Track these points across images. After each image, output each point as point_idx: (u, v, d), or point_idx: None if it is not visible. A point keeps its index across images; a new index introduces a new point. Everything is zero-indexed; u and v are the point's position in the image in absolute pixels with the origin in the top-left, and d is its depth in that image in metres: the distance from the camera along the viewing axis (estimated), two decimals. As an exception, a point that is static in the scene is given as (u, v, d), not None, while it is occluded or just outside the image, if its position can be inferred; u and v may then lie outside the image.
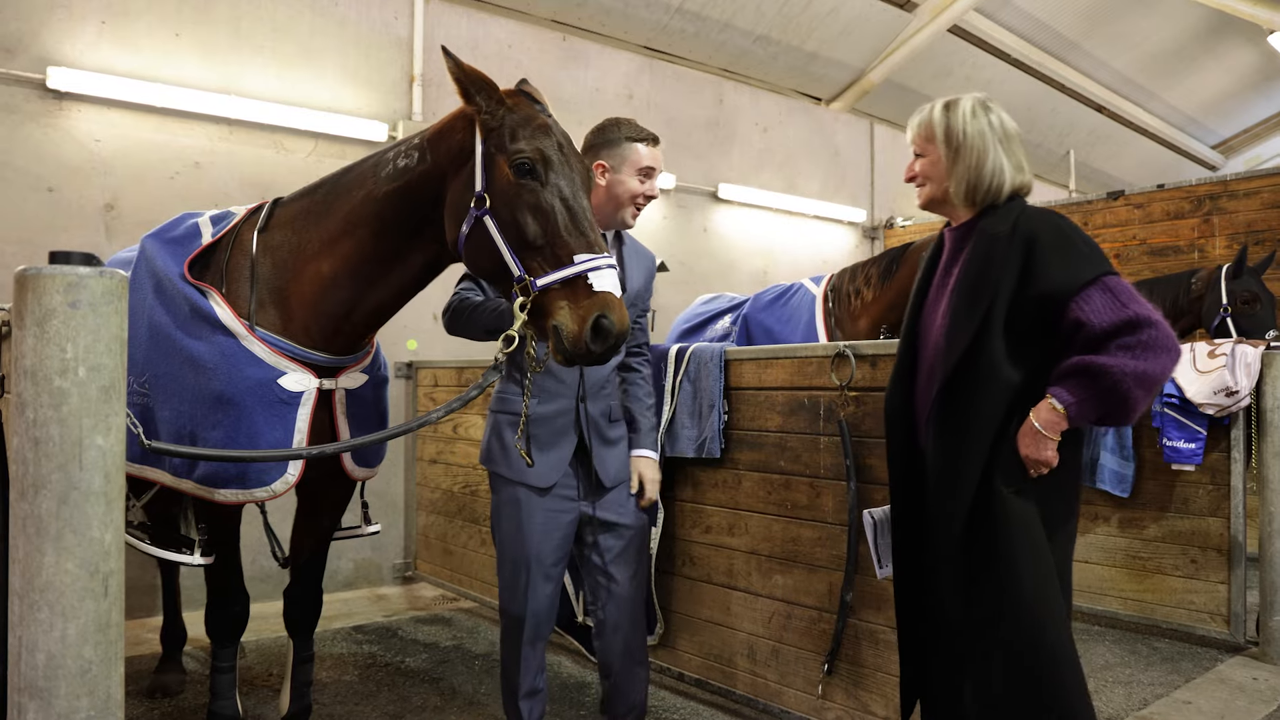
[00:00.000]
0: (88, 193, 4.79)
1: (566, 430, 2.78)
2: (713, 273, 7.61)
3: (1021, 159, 2.31)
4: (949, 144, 2.30)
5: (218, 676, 2.91)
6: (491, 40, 6.34)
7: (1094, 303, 2.09)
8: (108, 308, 1.33)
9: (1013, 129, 2.32)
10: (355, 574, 5.73)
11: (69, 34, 4.76)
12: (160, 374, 2.64)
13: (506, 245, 2.28)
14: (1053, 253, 2.15)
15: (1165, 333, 2.06)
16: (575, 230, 2.26)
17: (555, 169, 2.30)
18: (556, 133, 2.37)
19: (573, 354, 2.22)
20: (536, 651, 2.80)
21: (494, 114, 2.35)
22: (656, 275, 7.14)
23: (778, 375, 3.45)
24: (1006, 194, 2.28)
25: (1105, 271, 2.13)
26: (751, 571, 3.51)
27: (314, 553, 3.07)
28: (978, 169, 2.26)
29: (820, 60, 8.19)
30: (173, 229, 2.92)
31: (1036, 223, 2.21)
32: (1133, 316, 2.06)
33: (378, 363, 2.91)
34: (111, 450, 1.34)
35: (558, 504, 2.77)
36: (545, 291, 2.23)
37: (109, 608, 1.33)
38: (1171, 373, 2.09)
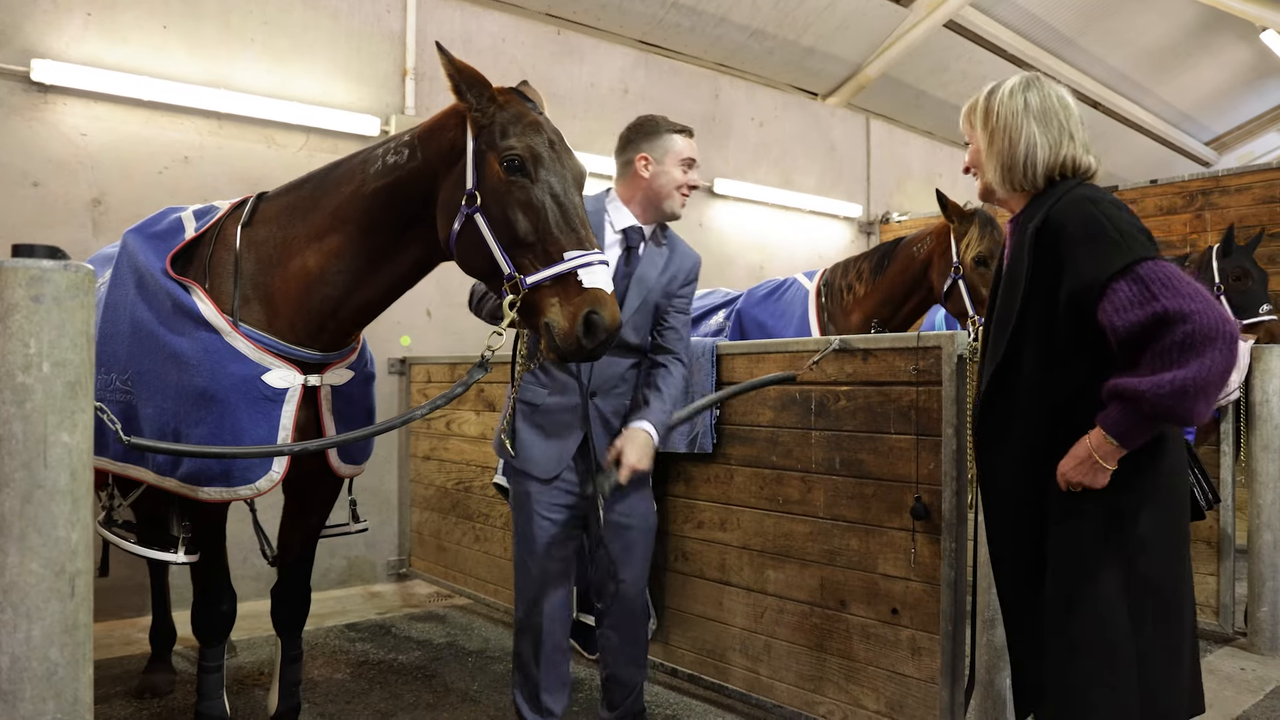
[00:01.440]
0: (74, 188, 4.75)
1: (572, 424, 2.78)
2: (709, 268, 7.50)
3: (1065, 136, 2.10)
4: (985, 127, 2.18)
5: (205, 676, 2.89)
6: (485, 34, 6.29)
7: (1119, 299, 1.87)
8: (73, 302, 1.30)
9: (1056, 105, 2.12)
10: (349, 571, 5.70)
11: (54, 26, 4.71)
12: (143, 371, 2.60)
13: (497, 243, 2.27)
14: (1079, 246, 1.95)
15: (1205, 322, 1.77)
16: (566, 227, 2.25)
17: (546, 166, 2.29)
18: (548, 130, 2.35)
19: (565, 351, 2.21)
20: (559, 648, 2.82)
21: (485, 111, 2.33)
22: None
23: (769, 369, 3.42)
24: (1044, 176, 2.10)
25: (1138, 258, 1.88)
26: (744, 567, 3.48)
27: (302, 551, 3.04)
28: (1010, 150, 2.12)
29: (817, 55, 8.15)
30: (155, 224, 2.88)
31: (1067, 211, 2.01)
32: (1160, 312, 1.81)
33: (364, 359, 2.87)
34: (78, 448, 1.30)
35: (561, 498, 2.79)
36: (536, 289, 2.22)
37: (76, 608, 1.30)
38: (1229, 364, 1.78)
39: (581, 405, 2.75)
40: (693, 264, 3.01)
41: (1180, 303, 1.80)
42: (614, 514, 2.81)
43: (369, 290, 2.60)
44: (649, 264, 2.87)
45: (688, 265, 2.98)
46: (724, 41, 7.59)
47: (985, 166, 2.19)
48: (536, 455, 2.77)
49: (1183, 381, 1.77)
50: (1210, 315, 1.79)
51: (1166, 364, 1.80)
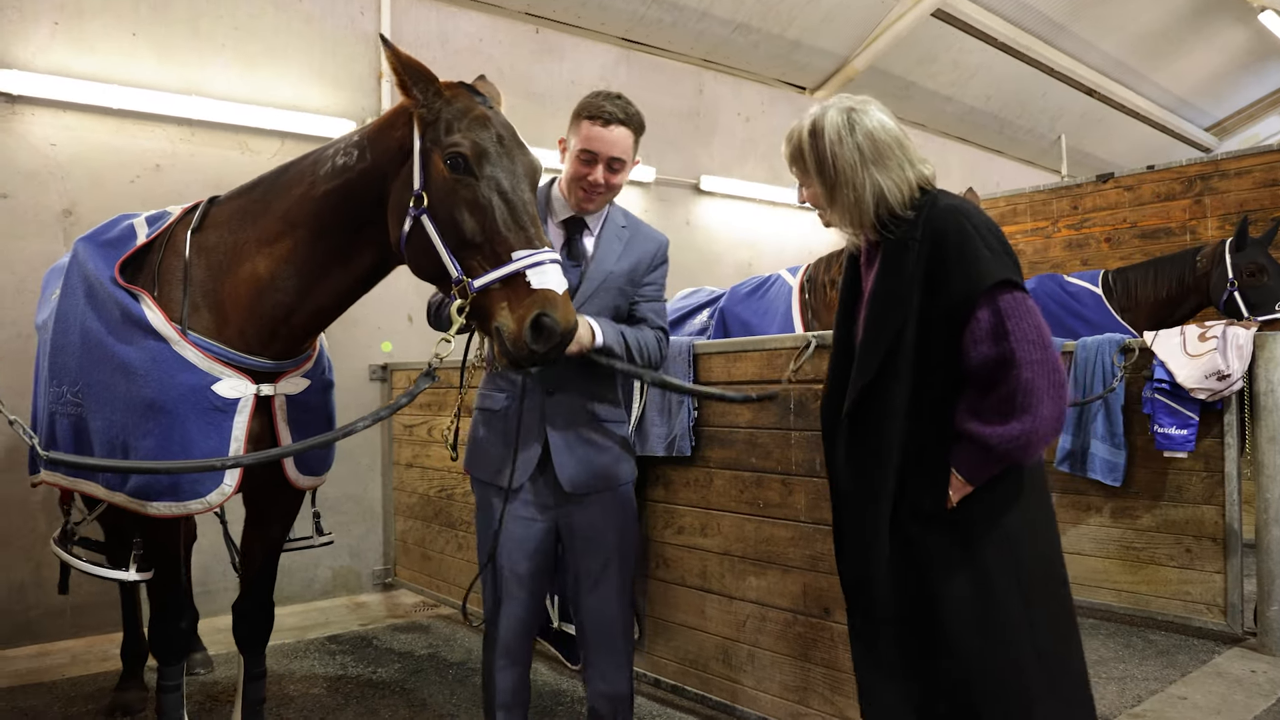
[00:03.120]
0: (44, 198, 4.67)
1: (532, 427, 2.54)
2: (696, 266, 7.48)
3: (903, 165, 2.03)
4: (823, 178, 2.07)
5: (164, 696, 2.79)
6: (461, 34, 6.21)
7: (979, 329, 1.91)
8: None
9: (885, 137, 2.03)
10: (333, 582, 5.61)
11: (20, 35, 4.63)
12: (92, 382, 2.52)
13: (445, 245, 2.17)
14: (956, 257, 1.94)
15: (1038, 374, 1.86)
16: (514, 225, 2.15)
17: (492, 161, 2.18)
18: (496, 124, 2.24)
19: (516, 356, 2.11)
20: (516, 661, 2.62)
21: (430, 107, 2.23)
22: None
23: (747, 368, 3.32)
24: (900, 209, 2.03)
25: (1002, 281, 1.90)
26: (725, 573, 3.38)
27: (264, 564, 2.94)
28: (856, 202, 2.03)
29: (803, 48, 8.06)
30: (107, 231, 2.80)
31: (942, 222, 1.98)
32: (1007, 354, 1.87)
33: (321, 366, 2.79)
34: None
35: (527, 510, 2.57)
36: (486, 292, 2.13)
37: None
38: (1060, 411, 1.90)
39: (540, 406, 2.54)
40: (657, 247, 2.74)
41: (1022, 350, 1.87)
42: (583, 528, 2.59)
43: (321, 296, 2.51)
44: (605, 251, 2.63)
45: (651, 249, 2.72)
46: (707, 36, 7.50)
47: (831, 214, 2.13)
48: (497, 465, 2.57)
49: (1021, 433, 1.87)
50: (1044, 366, 1.87)
51: (1008, 411, 1.89)
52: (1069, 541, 4.88)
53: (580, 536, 2.59)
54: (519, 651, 2.63)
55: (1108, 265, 6.32)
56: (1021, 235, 7.16)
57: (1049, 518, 2.16)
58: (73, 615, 4.66)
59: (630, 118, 2.55)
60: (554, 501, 2.58)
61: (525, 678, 2.66)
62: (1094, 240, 6.96)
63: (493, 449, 2.60)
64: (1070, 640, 2.10)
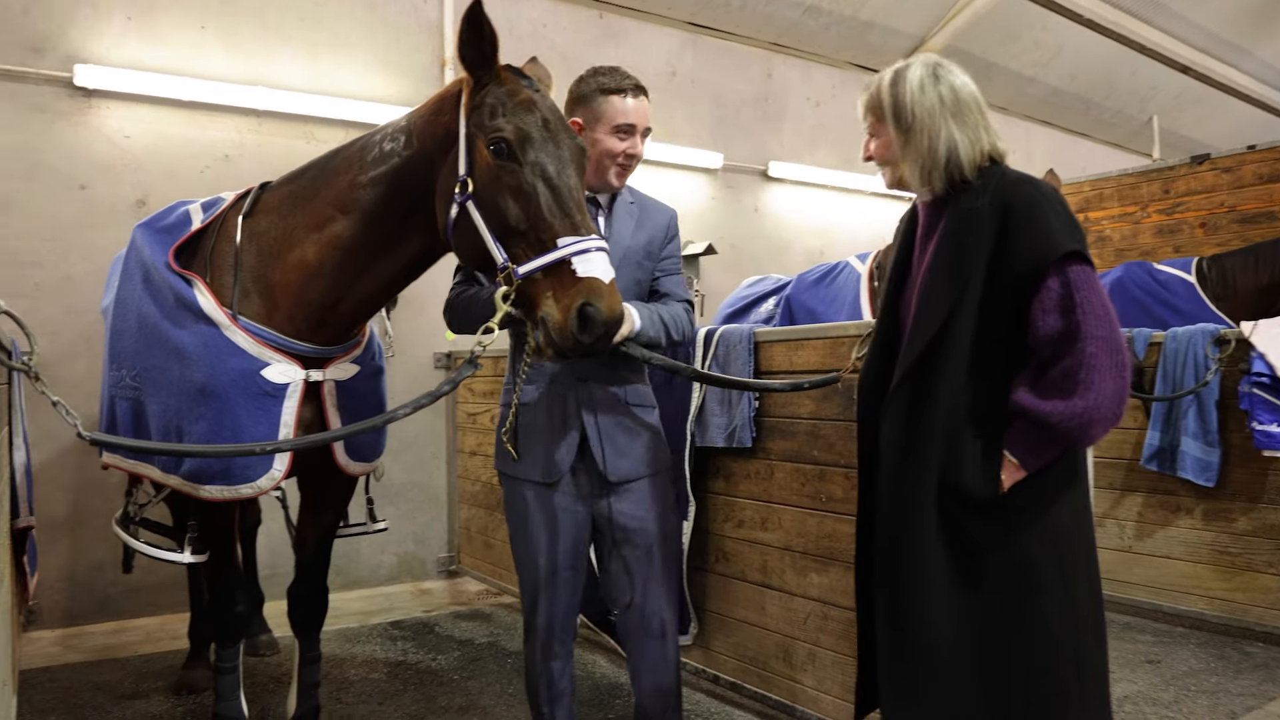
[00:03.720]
0: (119, 189, 4.78)
1: (569, 417, 2.49)
2: (765, 254, 7.34)
3: (980, 127, 2.02)
4: (899, 124, 2.04)
5: (220, 677, 2.82)
6: (525, 20, 6.17)
7: (1048, 298, 1.87)
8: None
9: (968, 95, 2.03)
10: (399, 568, 5.66)
11: (95, 31, 4.74)
12: (148, 366, 2.55)
13: (489, 232, 2.12)
14: (1026, 225, 1.90)
15: (1105, 350, 1.82)
16: (559, 212, 2.08)
17: (536, 146, 2.12)
18: (542, 108, 2.17)
19: (561, 346, 2.05)
20: (558, 654, 2.57)
21: (478, 91, 2.18)
22: (704, 258, 6.88)
23: (809, 357, 3.20)
24: (970, 170, 2.00)
25: (1074, 250, 1.86)
26: (785, 569, 3.28)
27: (318, 550, 2.94)
28: (930, 152, 2.00)
29: (876, 30, 7.82)
30: (164, 217, 2.83)
31: (1013, 192, 1.94)
32: (1074, 326, 1.84)
33: (370, 352, 2.77)
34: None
35: (567, 501, 2.51)
36: (531, 280, 2.07)
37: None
38: (1122, 392, 1.83)
39: (574, 394, 2.48)
40: (667, 220, 2.71)
41: (1088, 324, 1.83)
42: (623, 518, 2.51)
43: (370, 282, 2.49)
44: (620, 227, 2.60)
45: (663, 221, 2.69)
46: (777, 19, 7.33)
47: (900, 164, 2.07)
48: (535, 457, 2.50)
49: (1084, 409, 1.81)
50: (1109, 343, 1.83)
51: (1069, 387, 1.83)
52: (1156, 544, 4.64)
53: (620, 526, 2.51)
54: (561, 643, 2.57)
55: (1202, 252, 5.98)
56: (1108, 221, 6.82)
57: (1091, 517, 2.11)
58: (148, 594, 4.78)
59: (643, 87, 2.59)
60: (592, 491, 2.51)
61: (568, 669, 2.61)
62: (1187, 226, 6.58)
63: (528, 442, 2.52)
64: (1103, 646, 2.05)
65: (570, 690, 2.63)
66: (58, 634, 4.55)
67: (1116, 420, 1.86)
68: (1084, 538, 2.03)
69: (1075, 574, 1.97)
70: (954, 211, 2.02)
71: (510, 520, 2.63)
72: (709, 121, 7.09)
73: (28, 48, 4.60)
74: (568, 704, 2.61)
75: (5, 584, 2.80)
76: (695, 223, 7.06)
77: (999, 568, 1.95)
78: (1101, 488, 4.82)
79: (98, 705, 3.57)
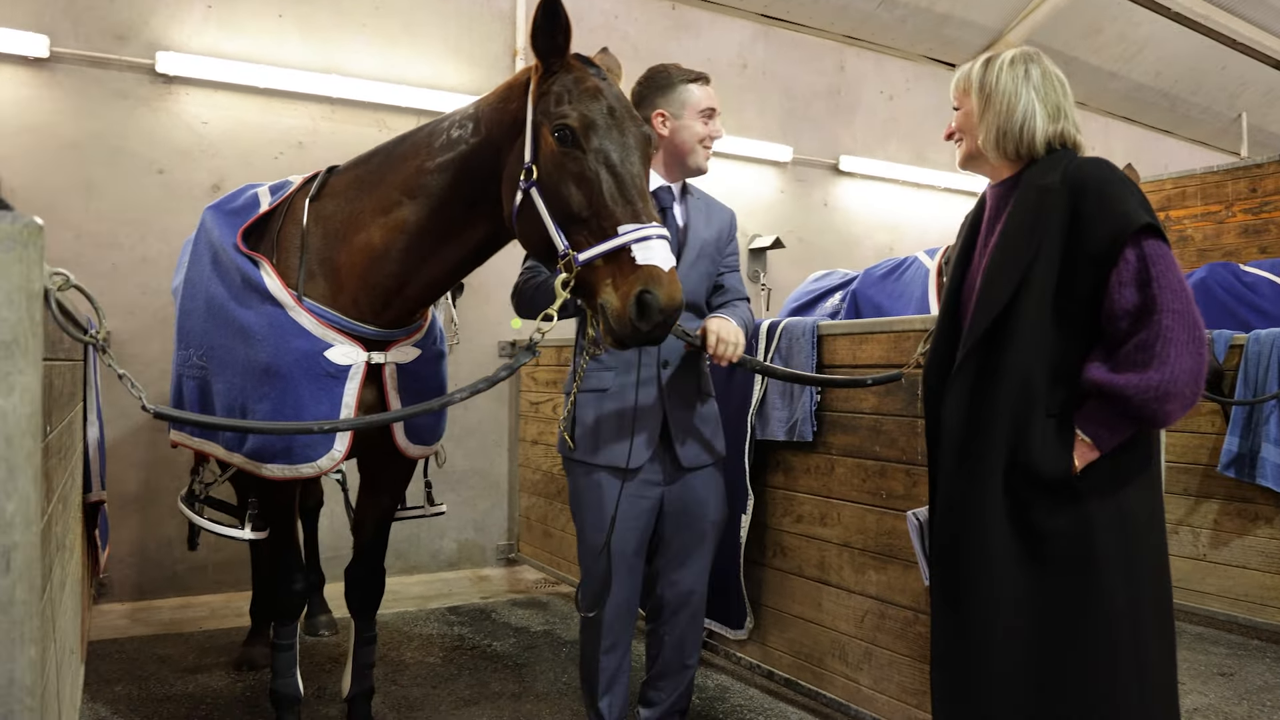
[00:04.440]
0: (195, 174, 4.90)
1: (647, 404, 2.55)
2: (834, 249, 7.22)
3: (1062, 107, 2.07)
4: (981, 93, 2.12)
5: (278, 654, 2.86)
6: (596, 12, 6.16)
7: (1125, 272, 1.86)
8: (8, 255, 1.20)
9: (1055, 82, 2.09)
10: (459, 555, 5.70)
11: (176, 19, 4.86)
12: (215, 346, 2.59)
13: (552, 218, 2.12)
14: (1100, 201, 1.89)
15: (1182, 324, 1.80)
16: (620, 199, 2.06)
17: (600, 133, 2.10)
18: (608, 96, 2.16)
19: (620, 334, 2.04)
20: (619, 643, 2.62)
21: (544, 80, 2.18)
22: (771, 251, 6.83)
23: (872, 352, 3.13)
24: (1042, 143, 2.05)
25: (1151, 225, 1.85)
26: (844, 565, 3.21)
27: (376, 532, 2.97)
28: (1007, 114, 2.06)
29: (953, 22, 7.63)
30: (233, 200, 2.88)
31: (1087, 170, 1.95)
32: (1150, 300, 1.82)
33: (432, 336, 2.78)
34: (15, 412, 1.20)
35: (641, 488, 2.57)
36: (591, 267, 2.06)
37: (12, 584, 1.20)
38: (1196, 379, 1.80)
39: (655, 380, 2.53)
40: (729, 217, 2.88)
41: (1164, 297, 1.81)
42: (688, 503, 2.58)
43: (435, 267, 2.50)
44: (695, 219, 2.72)
45: (726, 218, 2.86)
46: (851, 11, 7.20)
47: (977, 130, 2.13)
48: (612, 445, 2.54)
49: (1159, 382, 1.78)
50: (1185, 317, 1.81)
51: (1144, 360, 1.81)
52: (1232, 553, 4.44)
53: (683, 511, 2.60)
54: (623, 633, 2.61)
55: (1291, 253, 5.70)
56: (1190, 220, 6.55)
57: (1162, 513, 2.05)
58: (214, 571, 4.90)
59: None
60: (664, 478, 2.57)
61: (627, 660, 2.64)
62: (1275, 226, 6.28)
63: (606, 429, 2.55)
64: (1170, 647, 2.02)
65: (626, 682, 2.66)
66: (127, 607, 4.69)
67: (1193, 399, 1.82)
68: (1154, 531, 1.98)
69: (1142, 567, 1.92)
70: (1024, 189, 2.04)
71: (579, 506, 2.64)
72: (779, 114, 6.99)
73: (112, 35, 4.74)
74: (623, 695, 2.64)
75: (75, 555, 2.88)
76: (763, 216, 6.98)
77: (1063, 554, 1.91)
78: (1176, 493, 4.63)
79: (161, 677, 3.66)
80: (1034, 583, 1.94)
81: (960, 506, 2.05)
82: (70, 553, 2.70)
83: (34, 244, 1.23)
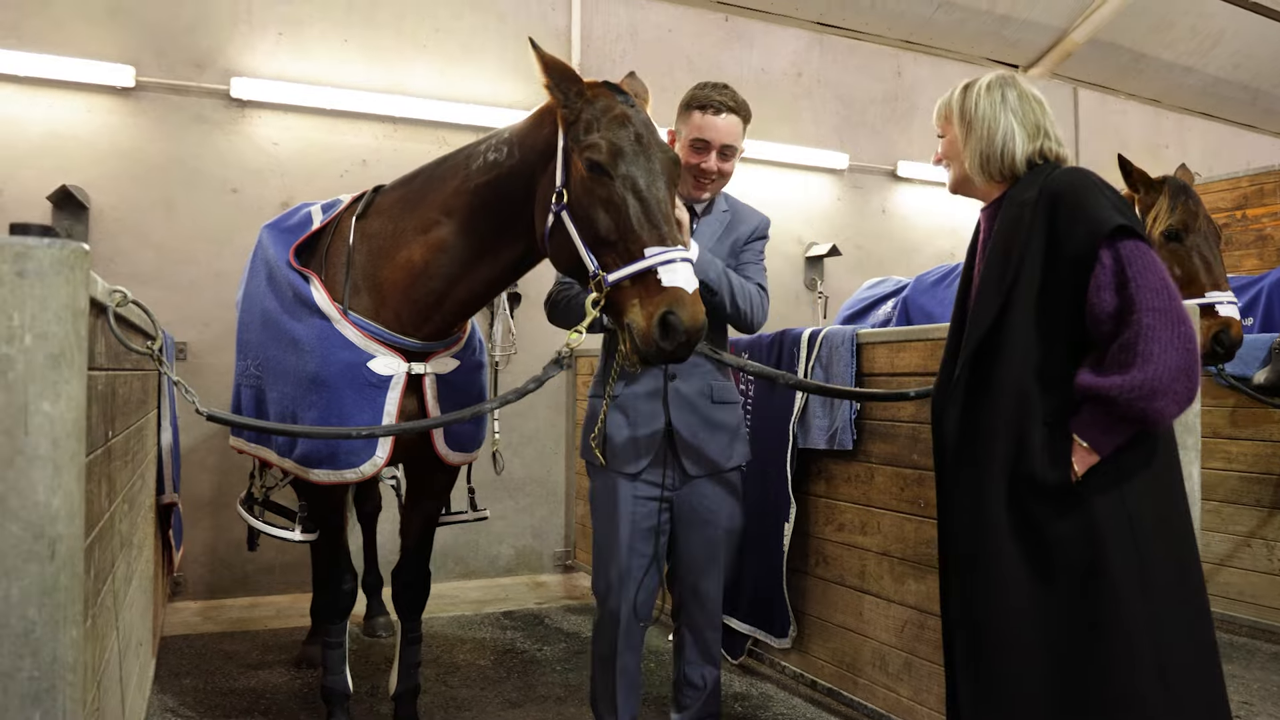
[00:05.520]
0: (266, 193, 5.13)
1: (655, 411, 2.64)
2: (892, 256, 7.17)
3: (1041, 131, 2.14)
4: (963, 119, 2.20)
5: (328, 652, 2.99)
6: (650, 25, 6.25)
7: (1103, 273, 1.89)
8: (57, 277, 1.33)
9: (1032, 103, 2.17)
10: (516, 560, 5.82)
11: (250, 46, 5.11)
12: (269, 357, 2.74)
13: (582, 241, 2.21)
14: (1075, 207, 1.95)
15: (1164, 322, 1.80)
16: (647, 223, 2.15)
17: (628, 160, 2.19)
18: (635, 122, 2.25)
19: (645, 353, 2.12)
20: (633, 645, 2.68)
21: (572, 107, 2.27)
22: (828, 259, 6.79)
23: (910, 359, 3.13)
24: (1023, 161, 2.13)
25: (1124, 226, 1.88)
26: (884, 574, 3.21)
27: (421, 535, 3.08)
28: (988, 139, 2.14)
29: (1013, 23, 7.51)
30: (288, 218, 3.03)
31: (1061, 180, 2.02)
32: (1128, 301, 1.85)
33: (471, 347, 2.88)
34: (61, 417, 1.33)
35: (647, 490, 2.65)
36: (619, 288, 2.15)
37: (57, 571, 1.33)
38: (1186, 376, 1.80)
39: (661, 390, 2.60)
40: (757, 222, 2.85)
41: (1143, 296, 1.83)
42: (699, 510, 2.63)
43: (471, 284, 2.61)
44: (704, 232, 2.73)
45: (752, 223, 2.83)
46: (908, 16, 7.15)
47: (963, 156, 2.21)
48: (621, 449, 2.63)
49: (1142, 381, 1.79)
50: (1167, 315, 1.81)
51: (1127, 361, 1.82)
52: (1276, 558, 4.29)
53: (693, 518, 2.64)
54: (637, 635, 2.67)
55: (1379, 254, 5.47)
56: (1269, 219, 6.32)
57: (1183, 513, 2.02)
58: (281, 572, 5.11)
59: (740, 106, 2.69)
60: (672, 484, 2.62)
61: (639, 662, 2.71)
62: (1362, 225, 6.03)
63: (617, 436, 2.63)
64: (1206, 655, 1.96)
65: (639, 684, 2.72)
66: (199, 605, 4.93)
67: (1187, 397, 1.82)
68: (1171, 537, 1.96)
69: (1160, 576, 1.90)
70: (1007, 206, 2.11)
71: (595, 509, 2.72)
72: (835, 121, 6.98)
73: (191, 64, 5.00)
74: (637, 696, 2.71)
75: (144, 554, 3.07)
76: (820, 224, 6.97)
77: (1071, 561, 1.92)
78: (1247, 504, 4.49)
79: (226, 672, 3.84)
80: (1044, 595, 1.94)
81: (966, 519, 2.09)
82: (138, 550, 2.88)
83: (80, 267, 1.36)
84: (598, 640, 2.71)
